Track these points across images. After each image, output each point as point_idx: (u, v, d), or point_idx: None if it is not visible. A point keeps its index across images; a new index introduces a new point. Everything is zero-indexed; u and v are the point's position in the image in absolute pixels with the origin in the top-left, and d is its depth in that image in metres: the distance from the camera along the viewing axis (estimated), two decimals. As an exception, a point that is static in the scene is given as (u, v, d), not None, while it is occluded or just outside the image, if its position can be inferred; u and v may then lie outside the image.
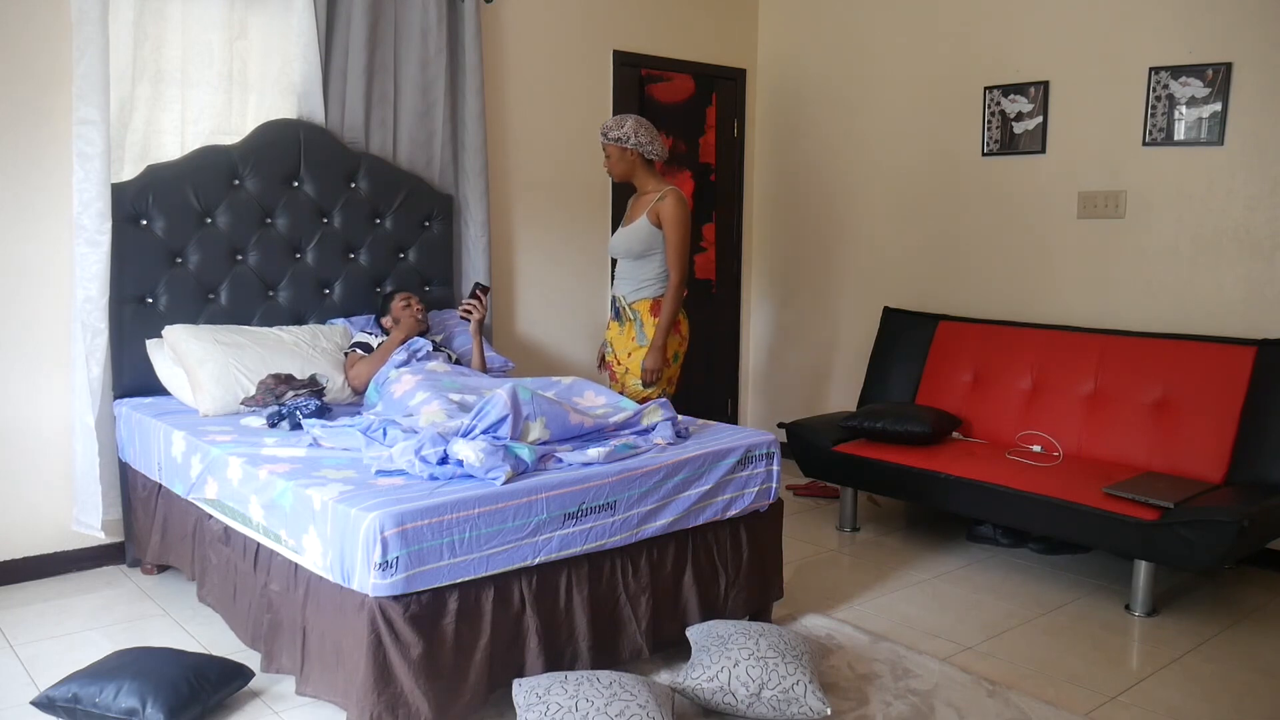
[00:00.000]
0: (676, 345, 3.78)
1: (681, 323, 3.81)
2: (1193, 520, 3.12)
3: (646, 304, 3.75)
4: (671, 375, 3.82)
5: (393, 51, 4.11)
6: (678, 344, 3.79)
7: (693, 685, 2.54)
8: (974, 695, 2.71)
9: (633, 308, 3.77)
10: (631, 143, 3.71)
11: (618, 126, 3.72)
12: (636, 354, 3.74)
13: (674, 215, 3.68)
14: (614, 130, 3.73)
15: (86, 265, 3.41)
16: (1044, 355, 4.16)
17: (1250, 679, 2.91)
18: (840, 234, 5.23)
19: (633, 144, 3.71)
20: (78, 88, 3.35)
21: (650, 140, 3.72)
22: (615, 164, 3.78)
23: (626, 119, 3.74)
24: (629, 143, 3.71)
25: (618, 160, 3.77)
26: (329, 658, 2.41)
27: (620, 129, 3.72)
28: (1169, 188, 4.00)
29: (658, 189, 3.75)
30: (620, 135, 3.71)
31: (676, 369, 3.83)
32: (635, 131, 3.71)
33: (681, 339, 3.81)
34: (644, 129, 3.73)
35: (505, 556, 2.45)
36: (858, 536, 4.24)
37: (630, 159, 3.75)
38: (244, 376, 3.40)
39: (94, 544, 3.63)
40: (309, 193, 3.90)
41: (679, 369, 3.85)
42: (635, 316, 3.76)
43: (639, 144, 3.71)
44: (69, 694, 2.45)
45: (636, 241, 3.74)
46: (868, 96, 5.04)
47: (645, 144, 3.72)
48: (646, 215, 3.72)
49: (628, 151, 3.74)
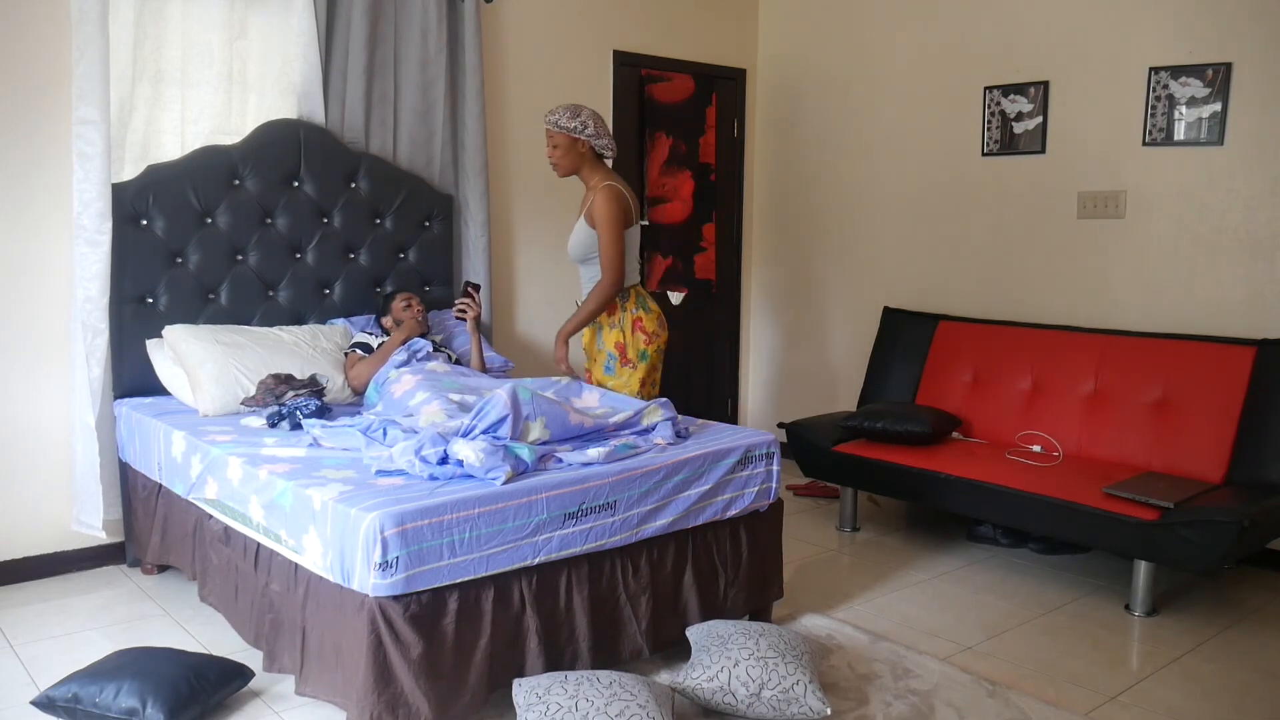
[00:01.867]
0: (642, 344, 3.56)
1: (645, 319, 3.56)
2: (1193, 520, 3.12)
3: None
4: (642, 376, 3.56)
5: (393, 51, 4.11)
6: (644, 343, 3.55)
7: (693, 685, 2.54)
8: (974, 695, 2.71)
9: None
10: (587, 132, 3.45)
11: (573, 115, 3.45)
12: (599, 359, 3.59)
13: (601, 213, 3.44)
14: (566, 118, 3.45)
15: (87, 265, 3.41)
16: (1044, 355, 4.16)
17: (1250, 679, 2.91)
18: (840, 234, 5.23)
19: (586, 134, 3.45)
20: (78, 88, 3.35)
21: (600, 134, 3.48)
22: (563, 155, 3.49)
23: (582, 109, 3.48)
24: (584, 133, 3.45)
25: (566, 151, 3.48)
26: (329, 658, 2.41)
27: (576, 118, 3.44)
28: (1169, 188, 4.00)
29: (596, 186, 3.51)
30: (576, 125, 3.44)
31: (645, 369, 3.56)
32: (586, 124, 3.45)
33: (649, 337, 3.56)
34: (599, 122, 3.49)
35: (505, 556, 2.45)
36: (858, 536, 4.24)
37: (580, 151, 3.49)
38: (244, 376, 3.40)
39: (94, 544, 3.63)
40: (309, 193, 3.90)
41: (648, 369, 3.57)
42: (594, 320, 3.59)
43: (592, 135, 3.46)
44: (69, 694, 2.45)
45: (577, 245, 3.56)
46: (868, 96, 5.04)
47: (597, 136, 3.47)
48: (584, 216, 3.53)
49: (579, 143, 3.47)
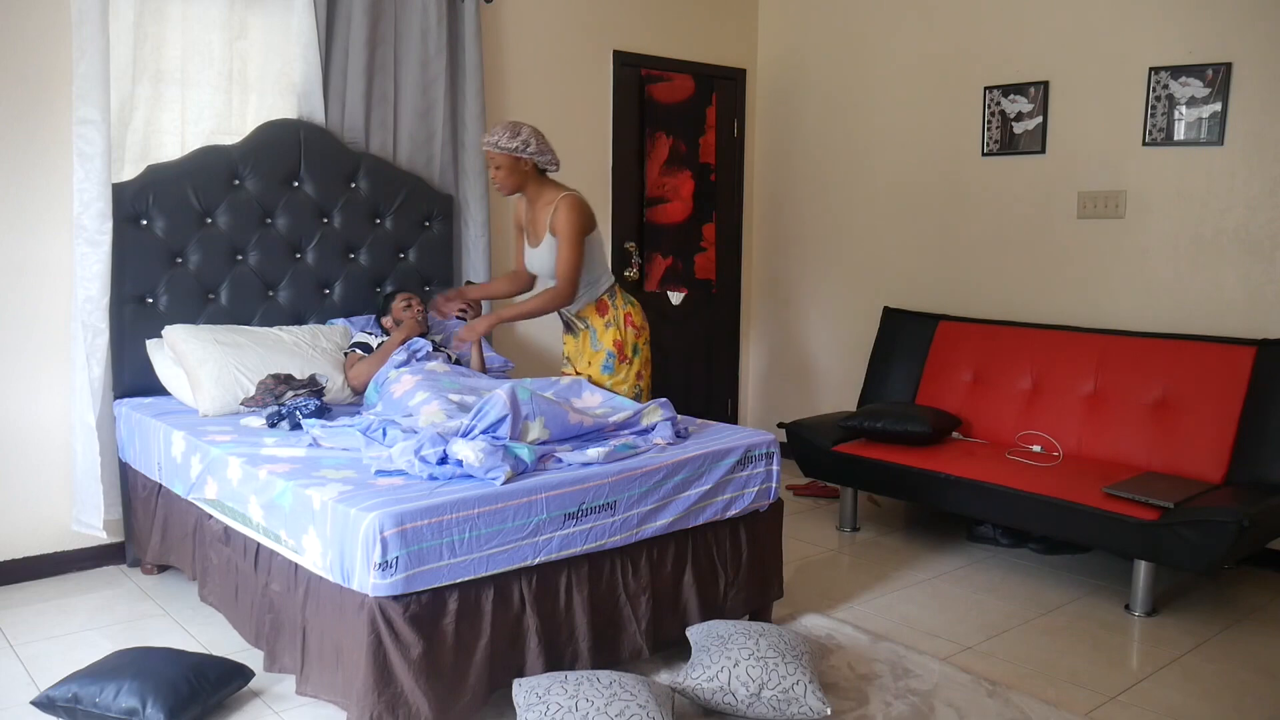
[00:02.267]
0: (634, 338, 3.55)
1: (633, 313, 3.57)
2: (1193, 520, 3.12)
3: (591, 308, 3.56)
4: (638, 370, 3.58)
5: (393, 51, 4.11)
6: (635, 336, 3.55)
7: (693, 685, 2.54)
8: (974, 695, 2.71)
9: (579, 317, 3.59)
10: (530, 150, 3.39)
11: (513, 135, 3.38)
12: (595, 360, 3.57)
13: (563, 224, 3.40)
14: (506, 138, 3.38)
15: (87, 265, 3.41)
16: (1044, 355, 4.16)
17: (1250, 679, 2.91)
18: (840, 234, 5.23)
19: (530, 152, 3.39)
20: (78, 88, 3.35)
21: (545, 150, 3.44)
22: (507, 175, 3.43)
23: (521, 126, 3.41)
24: (526, 151, 3.39)
25: (510, 171, 3.42)
26: (329, 658, 2.41)
27: (516, 137, 3.38)
28: (1169, 188, 4.00)
29: (553, 199, 3.46)
30: (518, 144, 3.37)
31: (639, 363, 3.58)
32: (533, 139, 3.39)
33: (638, 330, 3.57)
34: (540, 137, 3.43)
35: (505, 556, 2.45)
36: (858, 536, 4.24)
37: (524, 170, 3.44)
38: (244, 376, 3.40)
39: (94, 544, 3.63)
40: (309, 193, 3.90)
41: (642, 362, 3.59)
42: (585, 323, 3.58)
43: (536, 152, 3.40)
44: (69, 694, 2.45)
45: (550, 261, 3.48)
46: (868, 96, 5.04)
47: (540, 153, 3.42)
48: (549, 230, 3.46)
49: (522, 161, 3.42)
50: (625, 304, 3.59)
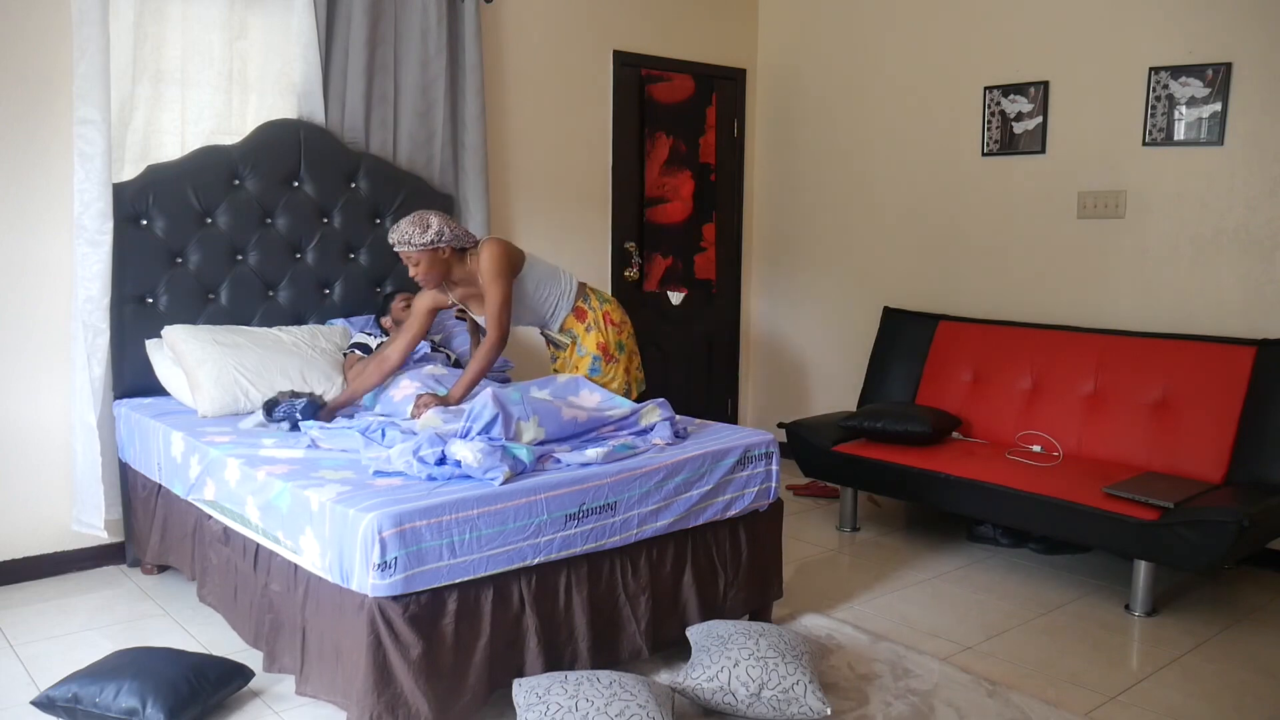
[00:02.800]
0: (617, 335, 3.50)
1: (611, 310, 3.52)
2: (1193, 520, 3.12)
3: (571, 319, 3.51)
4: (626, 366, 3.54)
5: (393, 51, 4.11)
6: (617, 334, 3.51)
7: (693, 685, 2.54)
8: (974, 695, 2.71)
9: (564, 330, 3.54)
10: (447, 238, 3.19)
11: (424, 229, 3.16)
12: (581, 365, 3.51)
13: (490, 267, 3.24)
14: (419, 234, 3.16)
15: (88, 265, 3.41)
16: (1044, 355, 4.15)
17: (1250, 679, 2.90)
18: (840, 234, 5.23)
19: (448, 239, 3.20)
20: (78, 88, 3.35)
21: (456, 230, 3.24)
22: (428, 271, 3.21)
23: (428, 215, 3.21)
24: (442, 240, 3.18)
25: (430, 265, 3.20)
26: (329, 658, 2.41)
27: (429, 230, 3.16)
28: (1169, 188, 4.00)
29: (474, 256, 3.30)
30: (431, 237, 3.16)
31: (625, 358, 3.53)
32: (447, 224, 3.21)
33: (619, 326, 3.52)
34: (447, 220, 3.23)
35: (504, 557, 2.45)
36: (858, 536, 4.24)
37: (443, 258, 3.23)
38: (243, 377, 3.40)
39: (94, 544, 3.63)
40: (309, 193, 3.90)
41: (628, 357, 3.54)
42: (570, 335, 3.53)
43: (455, 237, 3.23)
44: (69, 694, 2.45)
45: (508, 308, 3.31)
46: (867, 96, 5.04)
47: (459, 235, 3.25)
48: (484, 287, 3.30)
49: (440, 251, 3.21)
50: (602, 303, 3.56)
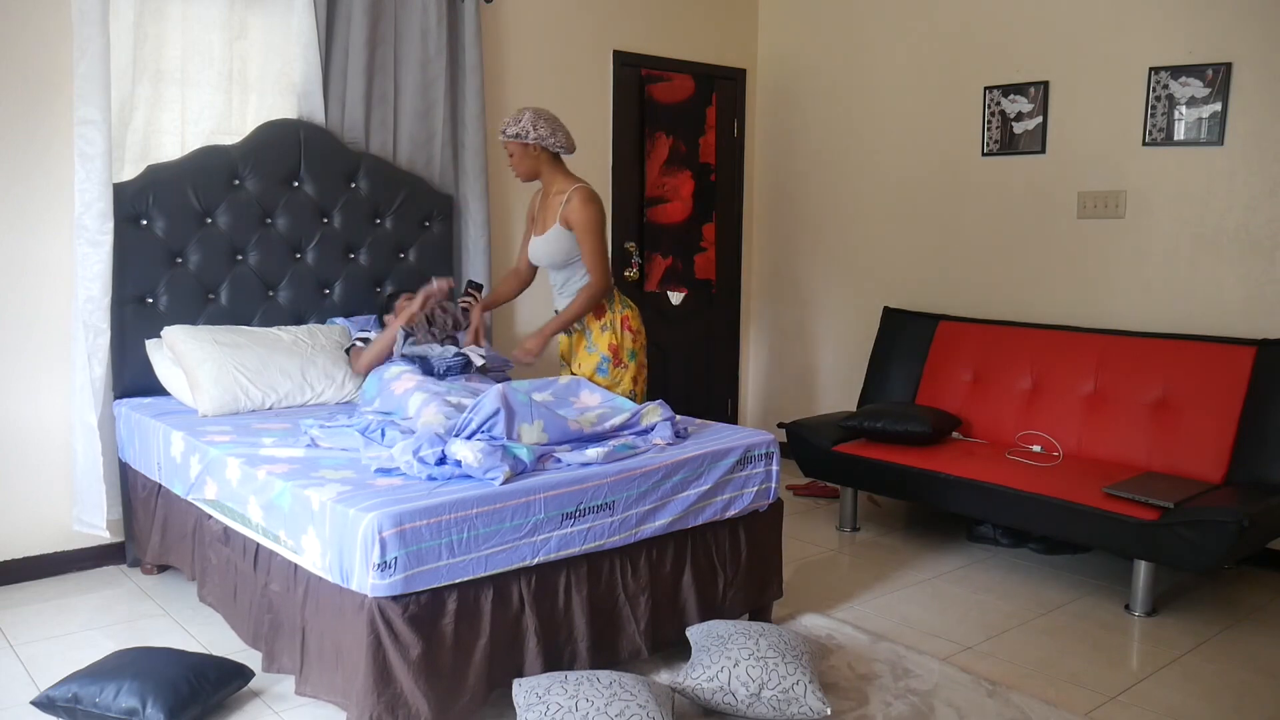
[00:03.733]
0: (631, 342, 3.53)
1: (631, 317, 3.56)
2: (1193, 520, 3.12)
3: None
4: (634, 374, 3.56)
5: (393, 51, 4.11)
6: (632, 341, 3.54)
7: (693, 685, 2.54)
8: (974, 695, 2.71)
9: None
10: (531, 137, 3.41)
11: (515, 122, 3.43)
12: (588, 362, 3.55)
13: (581, 218, 3.42)
14: (511, 126, 3.43)
15: (88, 265, 3.41)
16: (1044, 355, 4.15)
17: (1250, 679, 2.90)
18: (840, 234, 5.23)
19: (533, 138, 3.41)
20: (78, 88, 3.35)
21: (552, 133, 3.43)
22: (518, 162, 3.49)
23: (524, 112, 3.44)
24: (529, 137, 3.41)
25: (521, 158, 3.47)
26: (328, 658, 2.41)
27: (517, 124, 3.42)
28: (1169, 188, 4.00)
29: (564, 189, 3.49)
30: (519, 130, 3.42)
31: (635, 368, 3.55)
32: (534, 125, 3.41)
33: (634, 334, 3.55)
34: (544, 121, 3.43)
35: (504, 557, 2.45)
36: (858, 536, 4.24)
37: (534, 155, 3.46)
38: (243, 377, 3.40)
39: (94, 544, 3.63)
40: (309, 193, 3.90)
41: (638, 367, 3.57)
42: (580, 324, 3.55)
43: (540, 138, 3.41)
44: (69, 694, 2.45)
45: (556, 251, 3.50)
46: (868, 96, 5.04)
47: (546, 137, 3.42)
48: (558, 220, 3.47)
49: (529, 148, 3.45)
50: (623, 307, 3.58)
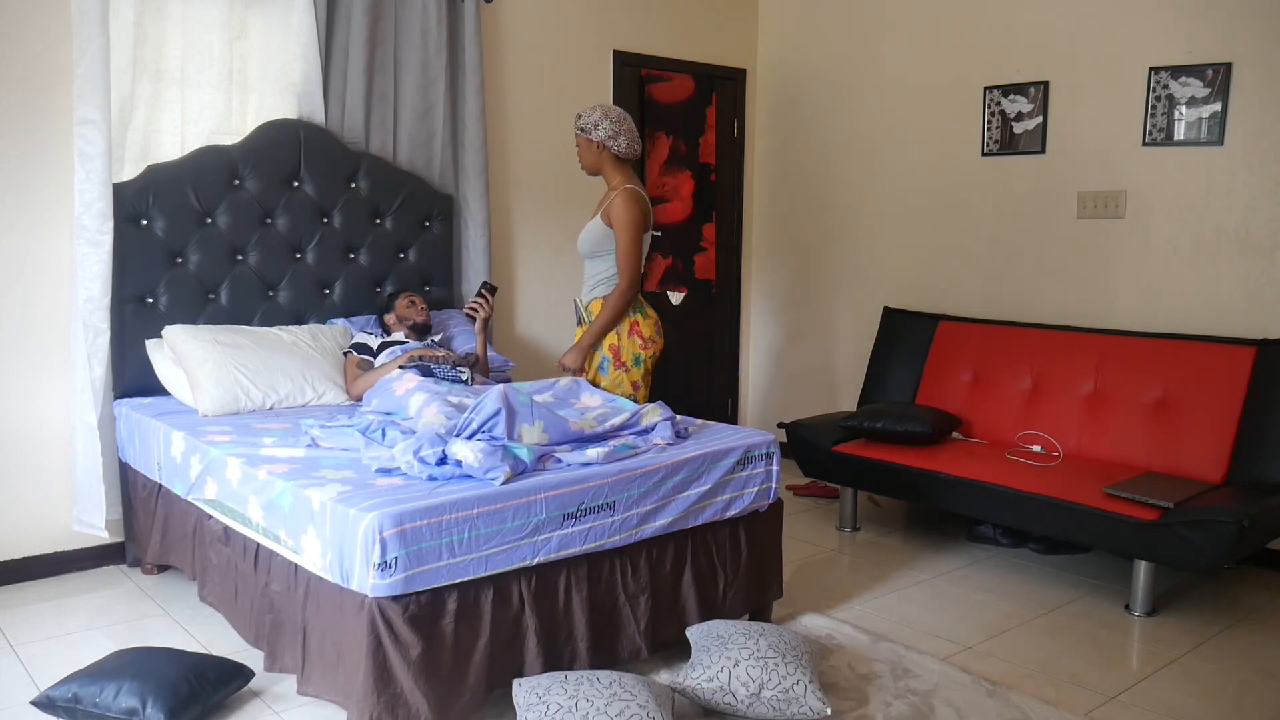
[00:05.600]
0: (638, 349, 3.52)
1: (641, 324, 3.54)
2: (1193, 520, 3.12)
3: (598, 304, 3.55)
4: (635, 380, 3.55)
5: (393, 51, 4.11)
6: (639, 347, 3.52)
7: (693, 685, 2.54)
8: (974, 695, 2.71)
9: (587, 309, 3.58)
10: (594, 135, 3.49)
11: (587, 115, 3.51)
12: (594, 357, 3.55)
13: (620, 215, 3.46)
14: (583, 118, 3.52)
15: (88, 265, 3.41)
16: (1044, 355, 4.15)
17: (1250, 679, 2.91)
18: (840, 234, 5.23)
19: (595, 136, 3.49)
20: (78, 88, 3.35)
21: (614, 135, 3.48)
22: (583, 154, 3.57)
23: (596, 109, 3.51)
24: (592, 134, 3.49)
25: (584, 151, 3.56)
26: (329, 658, 2.41)
27: (588, 118, 3.50)
28: (1169, 188, 4.00)
29: (616, 186, 3.54)
30: (585, 125, 3.51)
31: (638, 374, 3.54)
32: (598, 124, 3.48)
33: (645, 342, 3.54)
34: (610, 122, 3.48)
35: (504, 557, 2.45)
36: (858, 536, 4.24)
37: (596, 152, 3.53)
38: (243, 376, 3.40)
39: (94, 544, 3.63)
40: (309, 193, 3.90)
41: (642, 374, 3.55)
42: (589, 318, 3.56)
43: (601, 138, 3.48)
44: (69, 694, 2.45)
45: (589, 240, 3.56)
46: (868, 97, 5.04)
47: (608, 138, 3.48)
48: (601, 214, 3.53)
49: (593, 144, 3.52)
50: (635, 313, 3.55)
